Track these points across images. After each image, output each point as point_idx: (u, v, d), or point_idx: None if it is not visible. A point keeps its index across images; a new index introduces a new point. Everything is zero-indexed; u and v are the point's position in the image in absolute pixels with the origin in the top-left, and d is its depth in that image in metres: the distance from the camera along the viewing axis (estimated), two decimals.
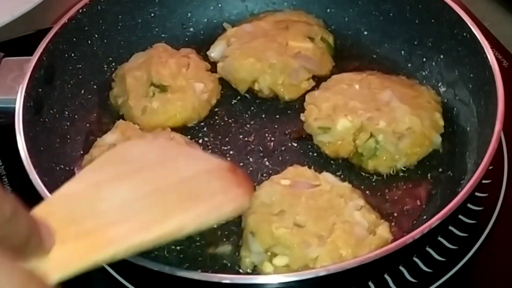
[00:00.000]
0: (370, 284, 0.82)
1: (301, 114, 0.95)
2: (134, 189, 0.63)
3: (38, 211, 0.54)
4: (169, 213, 0.62)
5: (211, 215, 0.67)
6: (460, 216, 0.88)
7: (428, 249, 0.86)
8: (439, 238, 0.86)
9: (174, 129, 0.94)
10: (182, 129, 0.96)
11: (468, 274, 0.85)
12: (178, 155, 0.75)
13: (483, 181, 0.77)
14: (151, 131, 0.93)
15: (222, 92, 1.02)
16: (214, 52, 1.05)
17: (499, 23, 1.17)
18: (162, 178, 0.66)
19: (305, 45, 1.02)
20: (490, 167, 0.77)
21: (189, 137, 0.95)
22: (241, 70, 1.00)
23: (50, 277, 0.47)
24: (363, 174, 0.91)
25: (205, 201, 0.67)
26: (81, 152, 0.94)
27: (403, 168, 0.91)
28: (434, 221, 0.71)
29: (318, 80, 1.01)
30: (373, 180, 0.91)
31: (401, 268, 0.84)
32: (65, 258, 0.51)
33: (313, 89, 1.00)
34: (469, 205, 0.89)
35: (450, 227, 0.87)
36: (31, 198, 0.74)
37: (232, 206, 0.70)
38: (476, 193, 0.78)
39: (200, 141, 0.96)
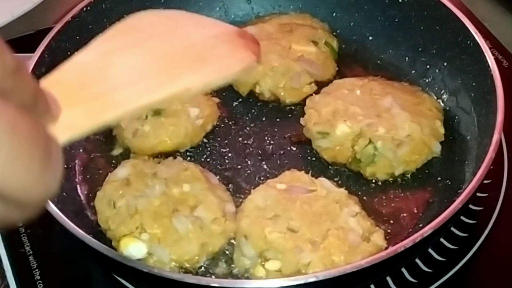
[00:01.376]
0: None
1: (301, 118, 0.94)
2: (143, 55, 0.64)
3: (48, 79, 0.54)
4: (176, 75, 0.64)
5: (218, 75, 0.68)
6: (460, 216, 0.88)
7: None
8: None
9: (166, 154, 0.93)
10: None
11: (468, 274, 0.85)
12: (187, 23, 0.74)
13: (484, 181, 0.77)
14: (141, 154, 0.92)
15: (223, 94, 1.02)
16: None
17: (499, 23, 1.16)
18: (171, 44, 0.67)
19: (309, 49, 1.02)
20: (491, 167, 0.77)
21: None
22: (240, 79, 1.00)
23: (59, 138, 0.45)
24: (361, 180, 0.91)
25: (213, 62, 0.68)
26: (81, 150, 0.95)
27: (401, 175, 0.91)
28: (427, 230, 0.71)
29: (320, 85, 1.00)
30: (371, 186, 0.90)
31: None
32: (74, 120, 0.51)
33: (314, 93, 0.99)
34: (469, 205, 0.89)
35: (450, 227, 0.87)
36: None
37: (239, 66, 0.70)
38: (476, 193, 0.77)
39: (199, 142, 0.96)
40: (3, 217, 0.35)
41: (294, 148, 0.95)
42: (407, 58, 1.05)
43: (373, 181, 0.91)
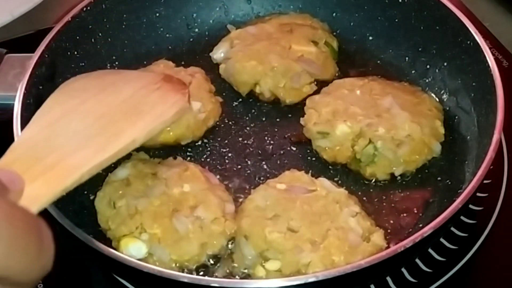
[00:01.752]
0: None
1: (301, 119, 0.94)
2: (83, 119, 0.71)
3: (3, 161, 0.59)
4: (119, 131, 0.70)
5: (157, 121, 0.75)
6: (460, 216, 0.88)
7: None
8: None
9: (168, 146, 0.94)
10: None
11: (468, 274, 0.85)
12: (115, 80, 0.81)
13: (484, 181, 0.77)
14: (144, 146, 0.91)
15: (223, 94, 1.02)
16: (217, 53, 1.05)
17: (499, 23, 1.17)
18: (105, 103, 0.74)
19: (309, 49, 1.02)
20: (491, 167, 0.77)
21: None
22: (243, 73, 1.00)
23: (30, 209, 0.50)
24: (361, 180, 0.91)
25: (148, 111, 0.75)
26: None
27: (401, 175, 0.91)
28: (427, 230, 0.71)
29: (320, 85, 1.00)
30: (371, 186, 0.90)
31: None
32: (38, 192, 0.56)
33: (315, 93, 0.99)
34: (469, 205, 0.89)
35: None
36: None
37: (173, 110, 0.79)
38: (476, 193, 0.77)
39: (199, 142, 0.96)
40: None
41: (294, 148, 0.95)
42: (407, 58, 1.04)
43: (373, 181, 0.91)
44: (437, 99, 0.98)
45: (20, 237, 0.37)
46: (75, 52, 0.98)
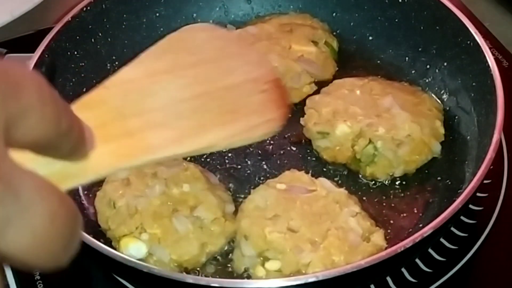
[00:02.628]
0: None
1: (301, 119, 0.94)
2: (182, 87, 0.60)
3: (95, 95, 0.53)
4: (207, 125, 0.60)
5: (243, 136, 0.63)
6: (460, 216, 0.88)
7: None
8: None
9: None
10: None
11: (468, 274, 0.85)
12: (235, 53, 0.70)
13: (484, 181, 0.77)
14: None
15: None
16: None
17: (499, 23, 1.16)
18: (212, 79, 0.64)
19: (309, 49, 1.02)
20: (491, 167, 0.77)
21: None
22: None
23: (83, 177, 0.46)
24: (361, 180, 0.91)
25: (243, 117, 0.64)
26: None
27: (401, 176, 0.91)
28: (427, 230, 0.71)
29: (320, 85, 1.00)
30: (371, 186, 0.90)
31: None
32: (101, 160, 0.48)
33: (314, 93, 0.99)
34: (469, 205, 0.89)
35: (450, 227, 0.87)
36: None
37: (264, 130, 0.66)
38: (476, 193, 0.77)
39: None
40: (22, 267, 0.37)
41: (294, 148, 0.95)
42: (407, 58, 1.04)
43: (373, 181, 0.91)
44: (437, 99, 0.98)
45: (58, 237, 0.36)
46: (75, 52, 0.98)
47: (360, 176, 0.91)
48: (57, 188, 0.37)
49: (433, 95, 0.99)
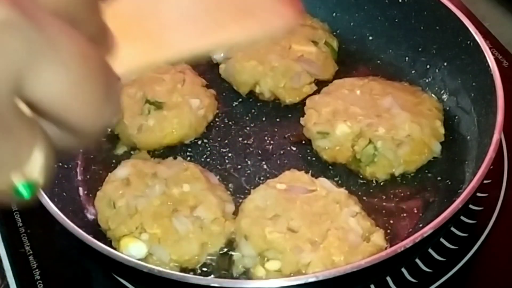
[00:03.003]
0: None
1: (301, 118, 0.94)
2: None
3: (108, 11, 0.52)
4: (222, 23, 0.62)
5: (262, 29, 0.64)
6: (460, 216, 0.88)
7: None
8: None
9: (172, 146, 0.94)
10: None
11: (468, 274, 0.85)
12: None
13: (484, 181, 0.77)
14: (147, 149, 0.93)
15: (223, 94, 1.02)
16: (217, 53, 1.05)
17: (499, 23, 1.16)
18: None
19: (309, 48, 1.02)
20: (491, 167, 0.77)
21: None
22: (243, 73, 1.00)
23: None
24: (361, 180, 0.91)
25: (257, 15, 0.64)
26: (81, 150, 0.95)
27: (401, 176, 0.91)
28: (427, 230, 0.71)
29: (320, 85, 1.00)
30: (371, 186, 0.90)
31: None
32: (126, 57, 0.49)
33: (314, 93, 0.99)
34: (469, 205, 0.89)
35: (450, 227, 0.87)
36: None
37: (282, 22, 0.64)
38: (476, 193, 0.77)
39: (199, 142, 0.96)
40: (59, 143, 0.34)
41: (294, 148, 0.95)
42: (407, 58, 1.04)
43: (373, 181, 0.91)
44: (437, 99, 0.98)
45: (90, 78, 0.33)
46: None
47: (360, 176, 0.91)
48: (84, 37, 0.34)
49: (433, 95, 0.99)
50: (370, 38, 1.08)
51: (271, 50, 1.01)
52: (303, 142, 0.95)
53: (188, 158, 0.93)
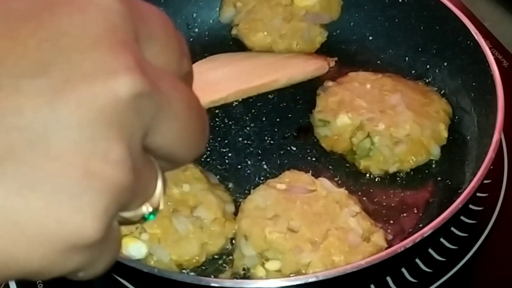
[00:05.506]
0: None
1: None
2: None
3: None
4: (264, 74, 0.98)
5: (299, 71, 0.98)
6: (460, 216, 0.88)
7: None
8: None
9: None
10: None
11: (468, 274, 0.85)
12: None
13: (484, 181, 0.77)
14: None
15: None
16: (223, 18, 1.08)
17: (499, 23, 1.16)
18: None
19: (309, 2, 1.04)
20: (491, 167, 0.77)
21: None
22: (254, 46, 1.04)
23: None
24: (361, 180, 0.91)
25: (295, 63, 1.00)
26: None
27: (401, 175, 0.91)
28: (427, 230, 0.71)
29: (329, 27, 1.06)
30: (371, 186, 0.90)
31: None
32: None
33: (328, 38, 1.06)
34: (469, 205, 0.89)
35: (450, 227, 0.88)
36: None
37: (314, 67, 1.00)
38: (476, 193, 0.77)
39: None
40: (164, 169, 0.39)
41: (294, 148, 0.95)
42: (407, 58, 1.04)
43: (373, 181, 0.91)
44: (446, 102, 0.97)
45: (193, 118, 0.38)
46: None
47: (361, 176, 0.91)
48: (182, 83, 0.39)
49: (443, 98, 0.98)
50: (370, 38, 1.08)
51: (274, 14, 1.03)
52: (305, 139, 0.96)
53: None
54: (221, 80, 0.94)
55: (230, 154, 0.95)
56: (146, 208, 0.37)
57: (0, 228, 0.32)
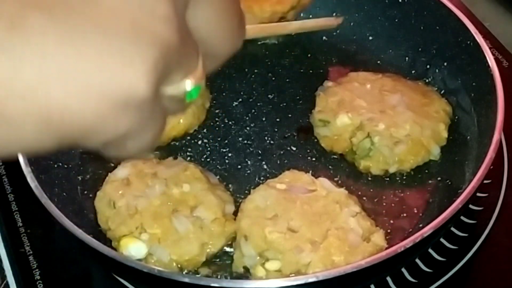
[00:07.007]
0: None
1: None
2: None
3: None
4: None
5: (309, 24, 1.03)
6: (460, 216, 0.88)
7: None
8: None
9: (168, 146, 0.95)
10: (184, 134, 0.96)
11: (468, 274, 0.85)
12: None
13: (484, 181, 0.77)
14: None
15: (223, 94, 1.02)
16: None
17: (499, 23, 1.16)
18: None
19: None
20: (491, 167, 0.77)
21: (188, 138, 0.96)
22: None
23: None
24: (361, 180, 0.91)
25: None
26: (81, 150, 0.95)
27: (401, 175, 0.91)
28: (427, 230, 0.71)
29: None
30: (371, 186, 0.90)
31: None
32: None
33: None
34: (469, 205, 0.89)
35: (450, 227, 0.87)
36: (34, 198, 0.76)
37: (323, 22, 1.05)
38: (476, 193, 0.77)
39: (200, 142, 0.96)
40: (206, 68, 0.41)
41: (294, 148, 0.95)
42: (407, 58, 1.04)
43: (373, 181, 0.91)
44: (446, 102, 0.97)
45: (227, 9, 0.42)
46: None
47: (361, 176, 0.91)
48: None
49: (444, 98, 0.98)
50: (370, 38, 1.09)
51: None
52: (305, 138, 0.96)
53: (188, 158, 0.93)
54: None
55: (230, 154, 0.95)
56: (189, 82, 0.39)
57: (53, 78, 0.31)
